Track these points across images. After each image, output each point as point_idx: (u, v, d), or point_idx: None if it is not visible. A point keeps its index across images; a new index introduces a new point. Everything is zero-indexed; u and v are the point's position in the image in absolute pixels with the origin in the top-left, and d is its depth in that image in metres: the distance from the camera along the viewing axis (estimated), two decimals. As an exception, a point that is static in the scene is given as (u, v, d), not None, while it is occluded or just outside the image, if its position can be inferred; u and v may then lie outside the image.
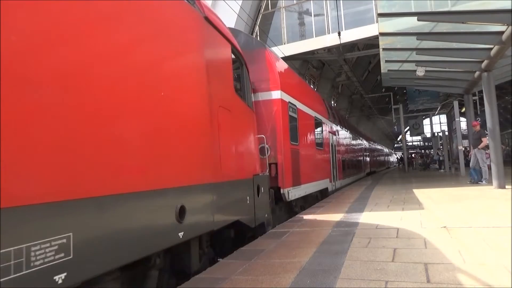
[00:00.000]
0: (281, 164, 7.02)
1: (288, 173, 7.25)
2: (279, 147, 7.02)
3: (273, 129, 7.04)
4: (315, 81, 25.13)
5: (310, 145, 9.74)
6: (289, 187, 7.26)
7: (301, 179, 8.14)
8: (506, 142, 34.89)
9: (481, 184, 10.84)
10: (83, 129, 2.00)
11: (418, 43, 9.80)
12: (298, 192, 7.90)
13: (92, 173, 2.03)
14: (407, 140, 44.32)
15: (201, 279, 3.21)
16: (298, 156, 8.11)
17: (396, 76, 14.30)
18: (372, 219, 5.68)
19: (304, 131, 8.99)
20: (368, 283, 2.72)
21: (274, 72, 7.32)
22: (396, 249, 3.70)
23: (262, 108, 7.05)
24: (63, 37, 1.92)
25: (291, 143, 7.66)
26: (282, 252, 3.94)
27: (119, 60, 2.41)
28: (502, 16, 7.62)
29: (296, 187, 7.72)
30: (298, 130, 8.43)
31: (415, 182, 14.72)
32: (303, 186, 8.30)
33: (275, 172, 6.91)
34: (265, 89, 7.22)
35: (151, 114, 2.69)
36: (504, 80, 13.29)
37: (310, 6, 18.29)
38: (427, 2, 8.86)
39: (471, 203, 6.95)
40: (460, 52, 9.75)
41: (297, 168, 7.95)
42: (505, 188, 9.23)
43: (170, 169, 2.93)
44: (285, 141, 7.19)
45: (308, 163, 9.18)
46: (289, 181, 7.28)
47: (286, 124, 7.40)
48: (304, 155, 8.75)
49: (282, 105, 7.25)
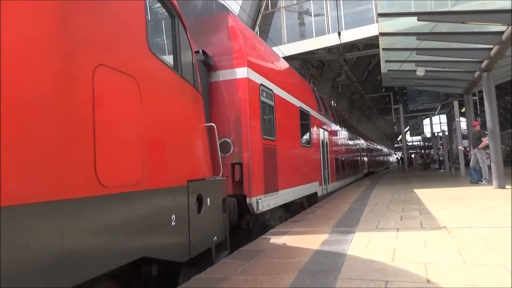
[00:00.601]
0: (247, 164, 5.35)
1: (258, 177, 5.67)
2: (245, 142, 5.39)
3: (236, 118, 5.45)
4: (315, 81, 25.14)
5: (293, 141, 8.10)
6: (260, 195, 5.63)
7: (278, 184, 6.57)
8: (506, 142, 34.88)
9: (481, 184, 10.84)
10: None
11: (418, 43, 9.80)
12: (274, 200, 6.32)
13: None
14: (407, 140, 44.32)
15: (201, 279, 3.21)
16: (274, 155, 6.52)
17: (396, 76, 14.31)
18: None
19: (284, 123, 7.38)
20: (368, 283, 2.72)
21: (240, 44, 5.67)
22: (396, 249, 3.70)
23: (224, 91, 5.54)
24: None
25: (265, 138, 6.09)
26: (282, 252, 3.94)
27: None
28: (502, 16, 7.62)
29: (270, 195, 6.12)
30: (276, 122, 6.80)
31: (415, 182, 14.72)
32: (282, 192, 6.77)
33: (239, 176, 5.34)
34: (227, 66, 5.63)
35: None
36: (504, 80, 13.30)
37: (310, 6, 18.29)
38: (427, 2, 8.87)
39: (471, 203, 6.95)
40: (460, 52, 9.75)
41: (273, 170, 6.40)
42: (505, 188, 9.23)
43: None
44: (253, 134, 5.62)
45: (290, 164, 7.62)
46: (259, 187, 5.68)
47: (255, 113, 5.80)
48: (284, 153, 7.18)
49: (250, 87, 5.63)
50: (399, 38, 10.44)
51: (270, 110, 6.67)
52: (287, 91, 7.77)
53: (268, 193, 6.04)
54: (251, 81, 5.72)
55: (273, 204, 6.29)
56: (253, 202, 5.41)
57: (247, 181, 5.37)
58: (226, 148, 5.39)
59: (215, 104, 5.56)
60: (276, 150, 6.63)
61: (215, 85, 5.62)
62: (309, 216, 6.48)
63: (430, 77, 12.45)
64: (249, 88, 5.60)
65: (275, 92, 6.94)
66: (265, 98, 6.36)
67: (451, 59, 10.51)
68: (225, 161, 5.16)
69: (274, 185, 6.38)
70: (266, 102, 6.43)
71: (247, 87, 5.54)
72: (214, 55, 5.61)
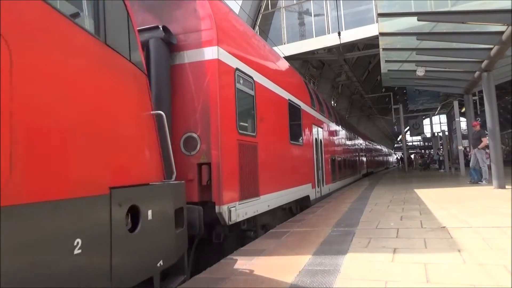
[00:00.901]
0: (217, 164, 4.41)
1: (230, 180, 4.73)
2: (214, 138, 4.47)
3: (204, 109, 4.53)
4: (315, 81, 25.14)
5: (280, 138, 7.11)
6: (233, 202, 4.71)
7: (260, 188, 5.62)
8: (506, 142, 34.88)
9: (481, 184, 10.84)
10: None
11: (418, 43, 9.80)
12: (253, 207, 5.35)
13: None
14: (407, 140, 44.34)
15: (201, 279, 3.21)
16: (255, 154, 5.58)
17: (396, 76, 14.31)
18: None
19: (269, 118, 6.41)
20: (368, 283, 2.72)
21: (209, 18, 4.73)
22: (396, 249, 3.70)
23: (190, 75, 4.67)
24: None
25: (241, 133, 5.15)
26: (282, 252, 3.94)
27: None
28: (502, 16, 7.62)
29: (248, 201, 5.16)
30: (258, 115, 5.85)
31: (415, 182, 14.72)
32: (265, 197, 5.82)
33: (207, 178, 4.43)
34: (193, 45, 4.70)
35: None
36: (504, 80, 13.31)
37: (310, 6, 18.30)
38: (427, 2, 8.88)
39: (471, 203, 6.95)
40: (460, 52, 9.75)
41: (253, 171, 5.44)
42: (505, 188, 9.23)
43: None
44: (226, 128, 4.68)
45: (276, 164, 6.65)
46: (232, 192, 4.75)
47: (229, 103, 4.86)
48: (268, 152, 6.24)
49: (222, 71, 4.71)
50: (399, 38, 10.44)
51: (249, 101, 5.69)
52: (273, 81, 6.79)
53: (246, 199, 5.08)
54: (223, 64, 4.80)
55: (253, 212, 5.31)
56: (224, 210, 4.44)
57: (216, 185, 4.40)
58: (192, 144, 4.50)
59: (179, 92, 4.66)
60: (257, 148, 5.66)
61: (179, 68, 4.72)
62: (309, 216, 6.48)
63: (430, 77, 12.45)
64: (221, 72, 4.68)
65: (257, 80, 5.96)
66: (243, 86, 5.38)
67: (451, 59, 10.51)
68: (190, 160, 4.41)
69: (254, 189, 5.40)
70: (244, 91, 5.43)
71: (217, 71, 4.60)
72: (178, 32, 4.72)
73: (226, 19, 5.40)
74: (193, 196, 4.35)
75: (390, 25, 9.69)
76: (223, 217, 4.44)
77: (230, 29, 5.45)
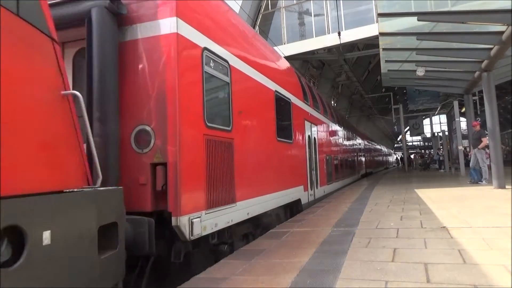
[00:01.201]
0: (174, 164, 3.57)
1: (194, 183, 3.87)
2: (172, 132, 3.62)
3: (160, 95, 3.71)
4: (315, 81, 25.14)
5: (263, 135, 6.19)
6: (197, 211, 3.81)
7: (236, 192, 4.75)
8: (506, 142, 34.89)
9: (481, 184, 10.84)
10: None
11: (418, 43, 9.80)
12: (227, 216, 4.47)
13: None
14: (407, 140, 44.34)
15: (201, 279, 3.21)
16: (230, 152, 4.68)
17: (396, 76, 14.32)
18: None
19: (249, 110, 5.54)
20: (368, 283, 2.72)
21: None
22: (396, 249, 3.70)
23: (143, 54, 3.83)
24: None
25: (210, 127, 4.26)
26: (282, 252, 3.94)
27: None
28: (502, 16, 7.62)
29: (219, 210, 4.27)
30: (234, 106, 4.92)
31: (415, 182, 14.73)
32: (243, 203, 4.94)
33: (163, 182, 3.61)
34: (147, 17, 3.87)
35: None
36: (504, 80, 13.31)
37: (310, 6, 18.30)
38: (427, 2, 8.88)
39: (471, 203, 6.95)
40: (460, 52, 9.75)
41: (227, 173, 4.56)
42: (505, 188, 9.23)
43: None
44: (188, 120, 3.83)
45: (258, 164, 5.78)
46: (196, 199, 3.88)
47: (193, 88, 3.98)
48: (248, 150, 5.38)
49: (183, 48, 3.83)
50: (399, 38, 10.44)
51: (223, 89, 4.82)
52: (255, 68, 5.88)
53: (216, 207, 4.23)
54: (186, 41, 3.91)
55: (226, 222, 4.44)
56: (183, 222, 3.54)
57: (172, 191, 3.54)
58: (145, 140, 3.72)
59: (130, 75, 3.85)
60: (233, 146, 4.76)
61: (130, 45, 3.88)
62: (309, 216, 6.48)
63: (430, 77, 12.45)
64: (181, 50, 3.79)
65: (234, 65, 5.03)
66: (214, 70, 4.50)
67: (451, 59, 10.51)
68: (142, 160, 3.68)
69: (228, 194, 4.54)
70: (217, 76, 4.57)
71: (176, 48, 3.71)
72: (129, 1, 3.95)
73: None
74: (145, 205, 3.60)
75: (390, 25, 9.69)
76: (182, 231, 3.55)
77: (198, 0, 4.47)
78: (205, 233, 3.98)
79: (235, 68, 5.10)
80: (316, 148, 10.09)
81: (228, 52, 4.93)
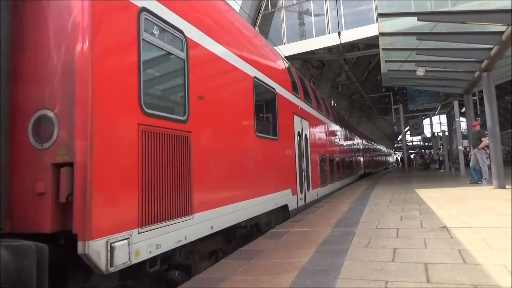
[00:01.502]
0: (83, 165, 2.56)
1: (117, 192, 2.82)
2: (82, 118, 2.63)
3: (66, 67, 2.77)
4: (315, 81, 25.14)
5: (237, 128, 5.15)
6: (123, 232, 2.78)
7: (193, 201, 3.75)
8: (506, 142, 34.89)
9: (481, 184, 10.84)
10: None
11: (418, 43, 9.80)
12: (178, 233, 3.47)
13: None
14: (407, 140, 44.35)
15: (201, 279, 3.21)
16: (185, 148, 3.69)
17: (396, 76, 14.32)
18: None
19: (215, 96, 4.51)
20: (368, 283, 2.72)
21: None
22: (396, 249, 3.70)
23: (46, 16, 2.93)
24: None
25: (150, 115, 3.23)
26: (282, 252, 3.94)
27: None
28: (502, 16, 7.62)
29: (163, 226, 3.24)
30: (191, 89, 3.90)
31: (415, 182, 14.73)
32: (202, 216, 3.91)
33: (68, 192, 2.61)
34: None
35: None
36: (504, 80, 13.32)
37: (310, 6, 18.31)
38: (427, 2, 8.88)
39: (471, 203, 6.95)
40: (460, 52, 9.75)
41: (179, 176, 3.54)
42: (505, 188, 9.23)
43: None
44: (110, 103, 2.83)
45: (229, 165, 4.74)
46: (121, 213, 2.82)
47: (120, 61, 3.01)
48: (213, 146, 4.35)
49: (104, 7, 2.86)
50: (399, 38, 10.44)
51: (175, 67, 3.82)
52: (227, 46, 4.88)
53: (158, 223, 3.17)
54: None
55: (175, 241, 3.41)
56: (95, 249, 2.51)
57: (79, 203, 2.52)
58: (46, 130, 2.75)
59: (29, 43, 2.95)
60: (189, 141, 3.76)
61: (29, 6, 2.97)
62: (309, 216, 6.48)
63: (430, 77, 12.45)
64: (100, 8, 2.80)
65: (192, 37, 4.01)
66: (160, 40, 3.51)
67: (451, 59, 10.51)
68: (41, 158, 2.72)
69: (180, 204, 3.51)
70: (164, 48, 3.58)
71: (90, 5, 2.72)
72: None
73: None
74: (43, 224, 2.61)
75: (390, 25, 9.69)
76: (94, 260, 2.49)
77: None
78: (139, 260, 2.93)
79: (195, 42, 4.08)
80: (308, 146, 9.14)
81: (185, 20, 3.89)
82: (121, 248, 2.72)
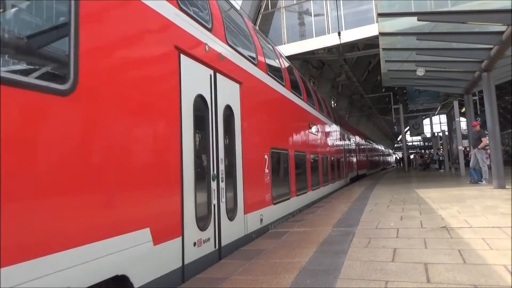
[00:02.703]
0: None
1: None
2: None
3: None
4: (315, 81, 25.14)
5: (156, 112, 3.20)
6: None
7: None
8: (506, 142, 34.90)
9: (481, 184, 10.84)
10: None
11: (418, 43, 9.80)
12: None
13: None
14: (407, 140, 44.35)
15: (201, 279, 3.21)
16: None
17: (396, 76, 14.32)
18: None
19: (130, 63, 2.91)
20: (368, 283, 2.72)
21: None
22: (396, 249, 3.70)
23: None
24: None
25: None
26: (282, 252, 3.94)
27: None
28: (502, 16, 7.62)
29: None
30: (80, 47, 2.36)
31: (415, 182, 14.73)
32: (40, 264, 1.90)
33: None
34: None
35: None
36: (504, 80, 13.31)
37: (310, 6, 18.32)
38: (427, 2, 8.89)
39: (471, 203, 6.95)
40: (460, 52, 9.75)
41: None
42: (505, 188, 9.23)
43: None
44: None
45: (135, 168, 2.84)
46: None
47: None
48: (113, 145, 2.64)
49: None
50: (399, 38, 10.45)
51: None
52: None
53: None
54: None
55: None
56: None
57: None
58: None
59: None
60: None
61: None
62: (309, 216, 6.48)
63: (430, 77, 12.46)
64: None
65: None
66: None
67: (451, 59, 10.51)
68: None
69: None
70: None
71: None
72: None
73: None
74: None
75: (390, 25, 9.70)
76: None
77: None
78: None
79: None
80: (238, 130, 5.14)
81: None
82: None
